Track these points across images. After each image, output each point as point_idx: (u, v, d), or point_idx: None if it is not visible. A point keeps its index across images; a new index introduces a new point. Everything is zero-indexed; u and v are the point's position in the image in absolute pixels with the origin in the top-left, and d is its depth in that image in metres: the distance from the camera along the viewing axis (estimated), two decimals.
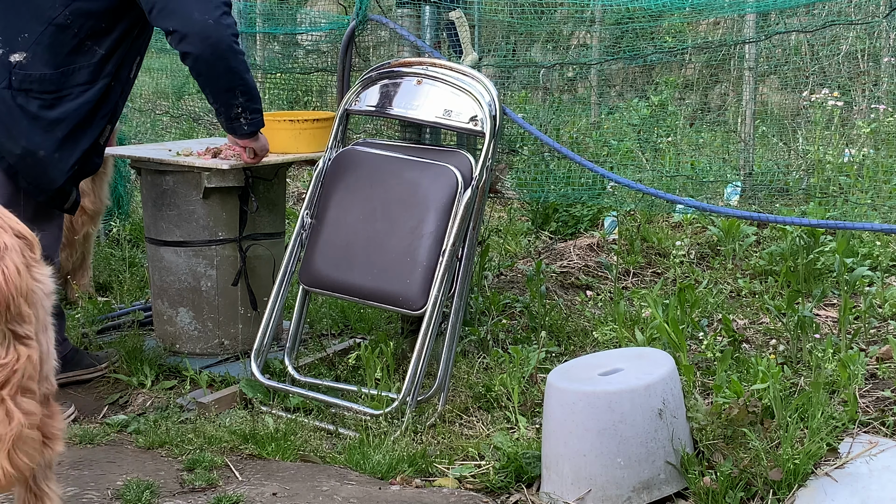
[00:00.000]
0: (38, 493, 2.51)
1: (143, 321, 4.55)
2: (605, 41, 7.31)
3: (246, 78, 3.54)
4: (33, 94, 3.46)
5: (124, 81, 3.64)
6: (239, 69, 3.50)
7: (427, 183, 3.70)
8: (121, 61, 3.58)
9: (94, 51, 3.51)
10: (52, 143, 3.49)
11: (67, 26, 3.46)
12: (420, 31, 4.13)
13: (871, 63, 7.58)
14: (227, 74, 3.49)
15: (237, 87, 3.53)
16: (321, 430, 3.56)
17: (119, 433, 3.60)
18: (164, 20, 3.43)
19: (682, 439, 3.04)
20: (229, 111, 3.60)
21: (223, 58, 3.44)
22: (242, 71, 3.52)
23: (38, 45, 3.45)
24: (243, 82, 3.54)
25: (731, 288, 4.94)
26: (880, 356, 3.80)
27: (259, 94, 3.65)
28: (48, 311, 2.47)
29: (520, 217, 6.44)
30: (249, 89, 3.57)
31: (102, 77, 3.53)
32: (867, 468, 2.96)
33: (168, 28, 3.43)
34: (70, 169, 3.55)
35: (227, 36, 3.42)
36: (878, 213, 5.07)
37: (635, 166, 6.08)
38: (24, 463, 2.33)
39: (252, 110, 3.62)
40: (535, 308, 4.47)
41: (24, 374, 2.32)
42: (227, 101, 3.57)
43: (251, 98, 3.60)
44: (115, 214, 5.93)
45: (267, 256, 4.20)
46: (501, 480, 3.19)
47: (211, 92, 3.56)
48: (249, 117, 3.64)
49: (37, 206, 3.60)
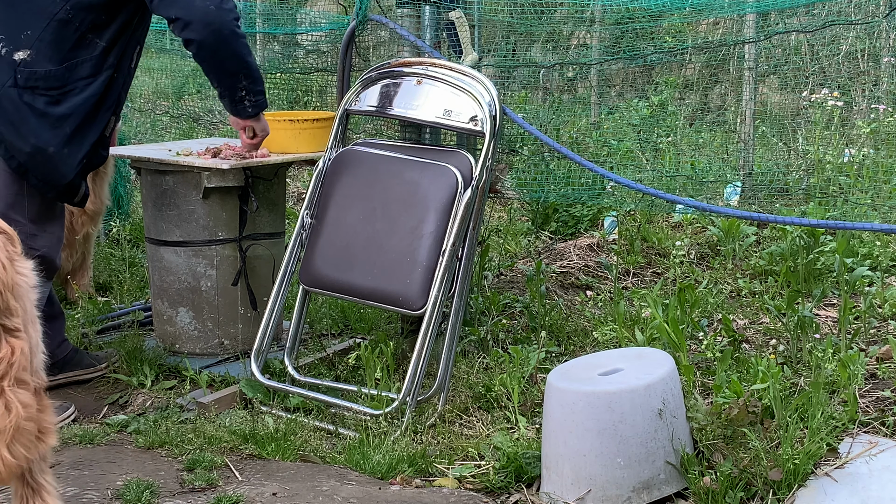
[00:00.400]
0: (35, 486, 2.52)
1: (143, 321, 4.55)
2: (605, 41, 7.31)
3: (249, 61, 3.56)
4: (39, 90, 3.47)
5: (126, 72, 3.65)
6: (242, 53, 3.51)
7: (427, 183, 3.71)
8: (122, 52, 3.59)
9: (96, 43, 3.51)
10: (61, 139, 3.50)
11: (69, 21, 3.46)
12: (420, 31, 4.13)
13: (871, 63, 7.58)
14: (230, 59, 3.51)
15: (241, 70, 3.55)
16: (321, 430, 3.56)
17: (119, 433, 3.60)
18: (165, 8, 3.44)
19: (682, 439, 3.04)
20: (234, 94, 3.61)
21: (226, 43, 3.46)
22: (245, 54, 3.53)
23: (41, 41, 3.46)
24: (246, 66, 3.55)
25: (731, 288, 4.94)
26: (880, 356, 3.80)
27: (261, 75, 3.67)
28: (34, 304, 2.48)
29: (520, 217, 6.44)
30: (252, 72, 3.58)
31: (105, 69, 3.55)
32: (867, 468, 2.96)
33: (170, 16, 3.44)
34: (79, 163, 3.56)
35: (229, 21, 3.43)
36: (878, 213, 5.07)
37: (635, 166, 6.08)
38: (22, 454, 2.36)
39: (256, 92, 3.64)
40: (535, 308, 4.47)
41: (19, 366, 2.34)
42: (231, 84, 3.59)
43: (254, 80, 3.61)
44: (115, 214, 5.94)
45: (267, 256, 4.20)
46: (501, 480, 3.19)
47: (215, 77, 3.58)
48: (254, 99, 3.65)
49: (41, 206, 3.60)
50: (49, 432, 2.51)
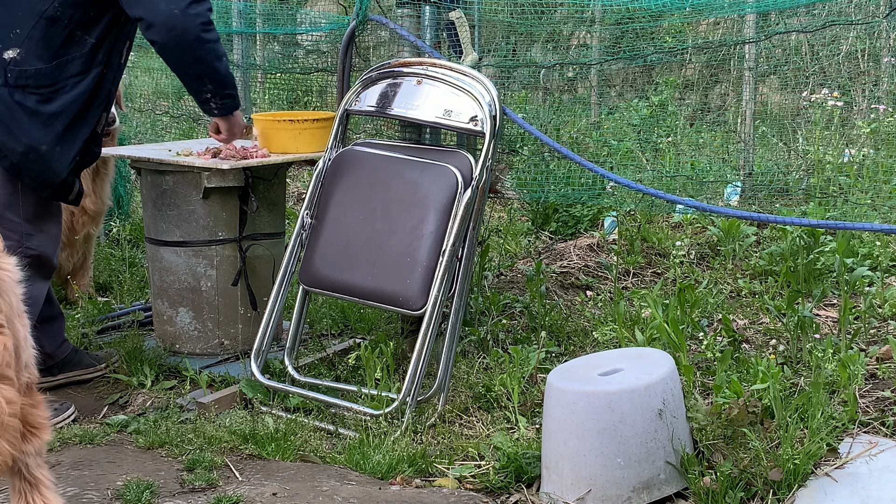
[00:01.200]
0: (33, 480, 2.52)
1: (143, 321, 4.55)
2: (605, 41, 7.31)
3: (215, 66, 3.52)
4: (30, 89, 3.46)
5: (116, 68, 3.64)
6: (206, 59, 3.49)
7: (427, 183, 3.71)
8: (111, 48, 3.59)
9: (85, 40, 3.51)
10: (53, 137, 3.49)
11: (57, 18, 3.46)
12: (420, 31, 4.12)
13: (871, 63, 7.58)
14: (194, 64, 3.50)
15: (205, 75, 3.53)
16: (321, 431, 3.56)
17: (119, 433, 3.60)
18: (131, 8, 3.44)
19: (682, 439, 3.04)
20: (199, 96, 3.63)
21: (189, 48, 3.44)
22: (211, 60, 3.50)
23: (30, 39, 3.45)
24: (212, 71, 3.53)
25: (731, 288, 4.94)
26: (880, 356, 3.80)
27: (232, 78, 3.63)
28: (19, 299, 2.46)
29: (520, 217, 6.44)
30: (219, 76, 3.56)
31: (95, 66, 3.54)
32: (867, 468, 2.96)
33: (135, 16, 3.44)
34: (72, 161, 3.57)
35: (193, 27, 3.40)
36: (878, 213, 5.07)
37: (635, 166, 6.08)
38: (7, 450, 2.34)
39: (222, 96, 3.63)
40: (535, 308, 4.47)
41: (2, 362, 2.31)
42: (195, 87, 3.59)
43: (221, 85, 3.59)
44: (115, 214, 5.93)
45: (267, 256, 4.20)
46: (501, 480, 3.19)
47: (180, 77, 3.60)
48: (219, 102, 3.64)
49: (36, 205, 3.60)
50: (42, 428, 2.50)
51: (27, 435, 2.46)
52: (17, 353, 2.39)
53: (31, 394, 2.47)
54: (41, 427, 2.50)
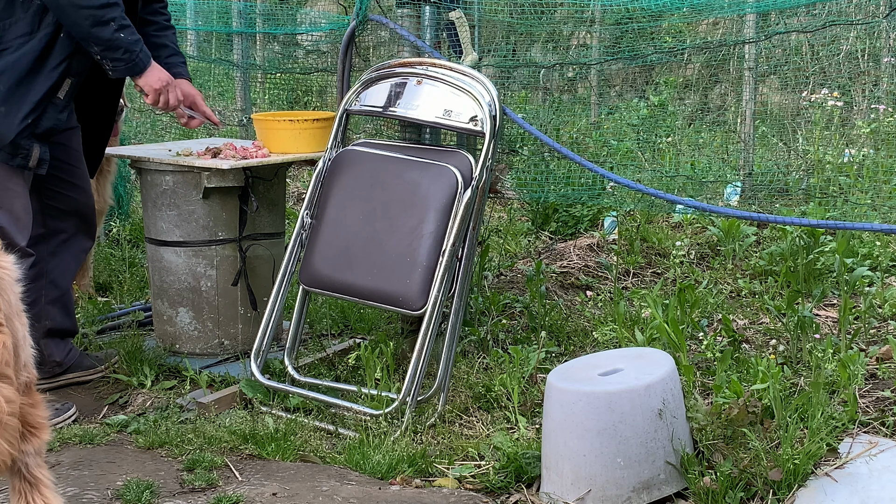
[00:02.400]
0: (33, 480, 2.51)
1: (143, 321, 4.55)
2: (605, 41, 7.32)
3: (93, 31, 3.50)
4: None
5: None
6: (82, 24, 3.49)
7: (427, 183, 3.71)
8: None
9: (31, 2, 3.52)
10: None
11: None
12: (420, 31, 4.12)
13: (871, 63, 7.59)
14: (74, 27, 3.51)
15: (88, 38, 3.53)
16: (321, 431, 3.56)
17: (119, 433, 3.60)
18: None
19: (682, 439, 3.04)
20: (94, 56, 3.61)
21: (63, 11, 3.47)
22: (87, 26, 3.49)
23: None
24: (90, 35, 3.52)
25: (731, 288, 4.94)
26: (880, 356, 3.80)
27: (121, 42, 3.57)
28: (18, 298, 2.45)
29: (520, 217, 6.44)
30: (103, 40, 3.54)
31: (44, 27, 3.53)
32: (867, 468, 2.96)
33: None
34: (21, 122, 3.52)
35: None
36: (878, 213, 5.07)
37: (635, 166, 6.08)
38: (6, 449, 2.33)
39: (112, 59, 3.60)
40: (535, 308, 4.47)
41: (1, 361, 2.30)
42: (87, 46, 3.57)
43: (108, 48, 3.56)
44: (115, 214, 5.94)
45: (267, 256, 4.20)
46: (501, 480, 3.19)
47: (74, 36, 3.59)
48: (111, 65, 3.62)
49: None
50: (42, 427, 2.50)
51: (26, 434, 2.46)
52: (16, 352, 2.38)
53: (30, 393, 2.46)
54: (40, 427, 2.49)
